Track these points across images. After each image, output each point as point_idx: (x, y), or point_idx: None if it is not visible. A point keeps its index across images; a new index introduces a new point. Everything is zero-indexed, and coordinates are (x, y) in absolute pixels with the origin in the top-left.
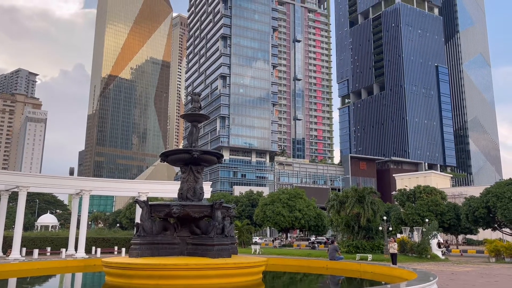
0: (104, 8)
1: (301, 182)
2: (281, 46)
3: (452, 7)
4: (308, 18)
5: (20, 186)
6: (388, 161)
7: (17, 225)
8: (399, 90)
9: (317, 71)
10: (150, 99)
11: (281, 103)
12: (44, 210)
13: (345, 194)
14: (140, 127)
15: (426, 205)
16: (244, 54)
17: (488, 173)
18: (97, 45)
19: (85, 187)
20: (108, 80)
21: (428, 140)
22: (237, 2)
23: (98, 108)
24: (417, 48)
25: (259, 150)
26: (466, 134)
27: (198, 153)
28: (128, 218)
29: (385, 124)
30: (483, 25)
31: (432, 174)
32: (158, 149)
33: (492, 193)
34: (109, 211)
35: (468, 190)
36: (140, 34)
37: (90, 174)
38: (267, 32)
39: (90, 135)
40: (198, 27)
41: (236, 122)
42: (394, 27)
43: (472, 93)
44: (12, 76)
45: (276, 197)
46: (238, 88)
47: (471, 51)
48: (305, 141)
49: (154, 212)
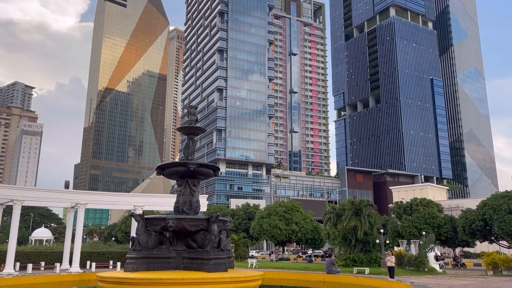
0: (101, 21)
1: (298, 195)
2: (277, 59)
3: (446, 21)
4: (304, 32)
5: (15, 200)
6: (384, 174)
7: (11, 239)
8: (394, 103)
9: (313, 84)
10: (147, 112)
11: (277, 115)
12: (38, 224)
13: (342, 207)
14: (136, 140)
15: (423, 217)
16: (241, 67)
17: (484, 185)
18: (93, 58)
19: (80, 200)
20: (105, 93)
21: (424, 153)
22: (233, 16)
23: (94, 121)
24: (412, 61)
25: (256, 163)
26: (462, 147)
27: (194, 166)
28: (124, 232)
29: (381, 136)
30: (476, 39)
31: (428, 187)
32: (154, 162)
33: (489, 206)
34: (104, 224)
35: (465, 203)
36: (137, 47)
37: (86, 187)
38: (263, 45)
39: (86, 148)
40: (194, 40)
41: (233, 135)
42: (389, 41)
43: (467, 106)
44: (8, 89)
45: (272, 210)
46: (235, 101)
47: (465, 64)
48: (302, 154)
49: (149, 225)
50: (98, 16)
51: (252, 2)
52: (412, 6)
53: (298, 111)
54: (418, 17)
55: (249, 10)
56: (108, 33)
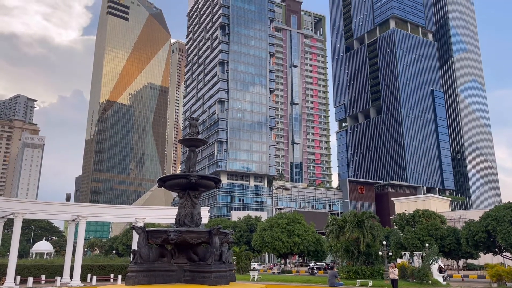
0: (104, 35)
1: (300, 207)
2: (278, 71)
3: (445, 32)
4: (304, 44)
5: (16, 213)
6: (386, 185)
7: (12, 252)
8: (395, 114)
9: (314, 96)
10: (148, 124)
11: (278, 127)
12: (39, 237)
13: (344, 219)
14: (138, 152)
15: (426, 229)
16: (242, 79)
17: (487, 196)
18: (95, 71)
19: (81, 213)
20: (106, 105)
21: (426, 164)
22: (234, 29)
23: (95, 134)
24: (413, 72)
25: (257, 174)
26: (464, 158)
27: (196, 178)
28: (125, 245)
29: (383, 147)
30: (476, 50)
31: (431, 198)
32: (156, 174)
33: (492, 217)
34: (105, 237)
35: (468, 214)
36: (139, 60)
37: (87, 200)
38: (264, 57)
39: (87, 160)
40: (196, 53)
41: (234, 147)
42: (390, 52)
43: (468, 117)
44: (10, 102)
45: (274, 222)
46: (236, 112)
47: (466, 75)
48: (303, 165)
49: (151, 238)
50: (100, 30)
51: (253, 15)
52: (411, 18)
53: (299, 122)
54: (418, 29)
55: (250, 23)
56: (110, 46)
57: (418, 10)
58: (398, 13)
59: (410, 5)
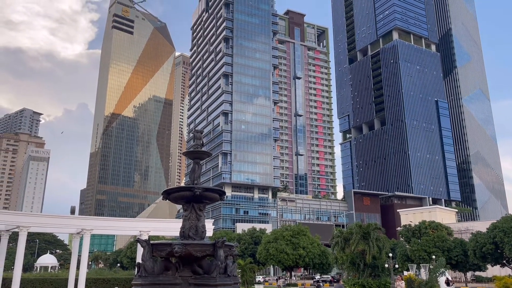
0: (109, 48)
1: (305, 219)
2: (281, 83)
3: (448, 43)
4: (308, 56)
5: (21, 226)
6: (391, 196)
7: (17, 266)
8: (400, 125)
9: (317, 107)
10: (153, 136)
11: (282, 138)
12: (44, 250)
13: (349, 231)
14: (142, 164)
15: (432, 241)
16: (246, 91)
17: (493, 207)
18: (100, 84)
19: (86, 226)
20: (111, 118)
21: (431, 175)
22: (238, 42)
23: (100, 146)
24: (416, 83)
25: (262, 186)
26: (469, 168)
27: (200, 190)
28: (129, 258)
29: (387, 158)
30: (480, 61)
31: (437, 209)
32: (160, 186)
33: (499, 228)
34: (109, 250)
35: (475, 225)
36: (143, 73)
37: (92, 213)
38: (268, 69)
39: (92, 173)
40: (200, 65)
41: (238, 158)
42: (393, 64)
43: (473, 127)
44: (16, 116)
45: (279, 234)
46: (240, 124)
47: (470, 86)
48: (308, 177)
49: (155, 251)
50: (105, 43)
51: (256, 28)
52: (414, 30)
53: (304, 134)
54: (421, 40)
55: (254, 36)
56: (115, 59)
57: (421, 22)
58: (401, 24)
59: (413, 16)
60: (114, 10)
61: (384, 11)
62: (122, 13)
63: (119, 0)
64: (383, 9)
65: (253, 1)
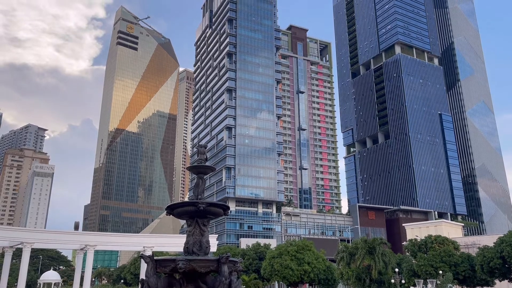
0: (113, 64)
1: (309, 233)
2: (285, 97)
3: (451, 57)
4: (310, 70)
5: (25, 243)
6: (397, 210)
7: (20, 283)
8: (404, 138)
9: (321, 121)
10: (157, 151)
11: (286, 152)
12: (47, 266)
13: (354, 246)
14: (146, 179)
15: (439, 255)
16: (249, 105)
17: (500, 221)
18: (105, 100)
19: (89, 242)
20: (115, 133)
21: (436, 188)
22: (241, 57)
23: (104, 162)
24: (420, 96)
25: (266, 201)
26: (475, 182)
27: (204, 205)
28: (133, 274)
29: (392, 172)
30: (483, 74)
31: (443, 223)
32: (164, 201)
33: (506, 243)
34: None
35: (481, 240)
36: (148, 88)
37: (95, 228)
38: (271, 84)
39: (96, 188)
40: (204, 81)
41: (242, 173)
42: (396, 77)
43: (477, 140)
44: (21, 132)
45: (284, 250)
46: (244, 138)
47: (474, 99)
48: (312, 191)
49: (159, 267)
50: (110, 59)
51: (259, 43)
52: (417, 44)
53: (307, 148)
54: (424, 53)
55: (257, 51)
56: (120, 75)
57: (423, 36)
58: (403, 38)
59: (415, 30)
60: (119, 26)
61: (386, 25)
62: (127, 29)
63: (124, 17)
64: (385, 24)
65: (256, 17)
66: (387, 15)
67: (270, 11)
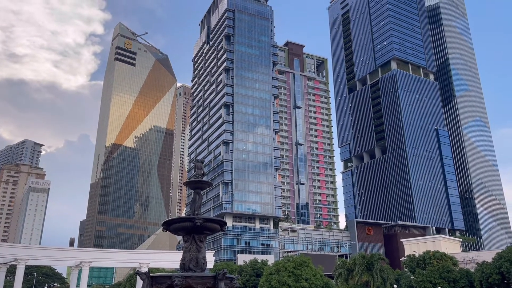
0: (111, 80)
1: (307, 249)
2: (282, 113)
3: (446, 73)
4: (307, 86)
5: (19, 259)
6: (395, 226)
7: None
8: (401, 153)
9: (318, 136)
10: (153, 166)
11: (283, 167)
12: (41, 283)
13: (352, 261)
14: (143, 195)
15: (437, 271)
16: (246, 120)
17: (498, 236)
18: (102, 115)
19: (85, 258)
20: (112, 148)
21: (434, 203)
22: (238, 73)
23: (101, 177)
24: (416, 112)
25: (263, 216)
26: (472, 197)
27: (201, 221)
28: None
29: (389, 187)
30: (478, 89)
31: (441, 239)
32: (160, 217)
33: (505, 258)
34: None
35: (480, 255)
36: (145, 104)
37: (91, 245)
38: (268, 99)
39: (92, 204)
40: (201, 96)
41: (239, 188)
42: (392, 93)
43: (474, 155)
44: (18, 147)
45: (281, 266)
46: (241, 153)
47: (469, 114)
48: (309, 206)
49: (155, 284)
50: (107, 75)
51: (256, 59)
52: (412, 59)
53: (305, 163)
54: (419, 69)
55: (254, 67)
56: (117, 90)
57: (419, 52)
58: (399, 54)
59: (410, 46)
60: (117, 42)
61: (382, 41)
62: (125, 45)
63: (122, 33)
64: (381, 40)
65: (253, 33)
66: (383, 31)
67: (267, 28)
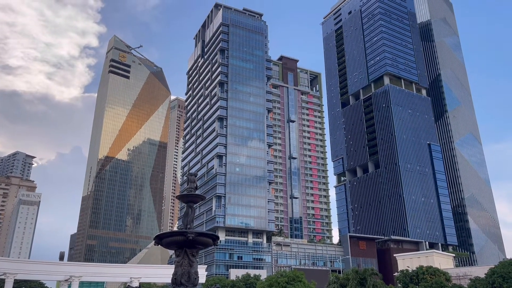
0: (105, 92)
1: (300, 264)
2: (276, 126)
3: (438, 88)
4: (301, 100)
5: (8, 273)
6: (388, 240)
7: None
8: (394, 168)
9: (312, 150)
10: (146, 179)
11: (277, 181)
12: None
13: (346, 276)
14: (135, 208)
15: (431, 287)
16: (240, 134)
17: (491, 251)
18: (95, 128)
19: (75, 273)
20: (105, 161)
21: (427, 218)
22: (233, 86)
23: (93, 190)
24: (409, 127)
25: (256, 230)
26: (465, 212)
27: (193, 235)
28: None
29: (382, 201)
30: (470, 105)
31: (434, 254)
32: (152, 230)
33: (497, 274)
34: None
35: (473, 271)
36: (139, 116)
37: (81, 259)
38: (262, 113)
39: (83, 217)
40: (195, 109)
41: (232, 201)
42: (385, 108)
43: (466, 171)
44: (9, 159)
45: (274, 281)
46: (234, 167)
47: (461, 130)
48: (303, 220)
49: None
50: (101, 87)
51: (250, 73)
52: (405, 75)
53: (298, 176)
54: (412, 85)
55: (248, 80)
56: (111, 103)
57: (411, 67)
58: (391, 70)
59: (403, 62)
60: (111, 55)
61: (375, 57)
62: (119, 58)
63: (116, 46)
64: (374, 55)
65: (248, 48)
66: (376, 47)
67: (262, 42)
